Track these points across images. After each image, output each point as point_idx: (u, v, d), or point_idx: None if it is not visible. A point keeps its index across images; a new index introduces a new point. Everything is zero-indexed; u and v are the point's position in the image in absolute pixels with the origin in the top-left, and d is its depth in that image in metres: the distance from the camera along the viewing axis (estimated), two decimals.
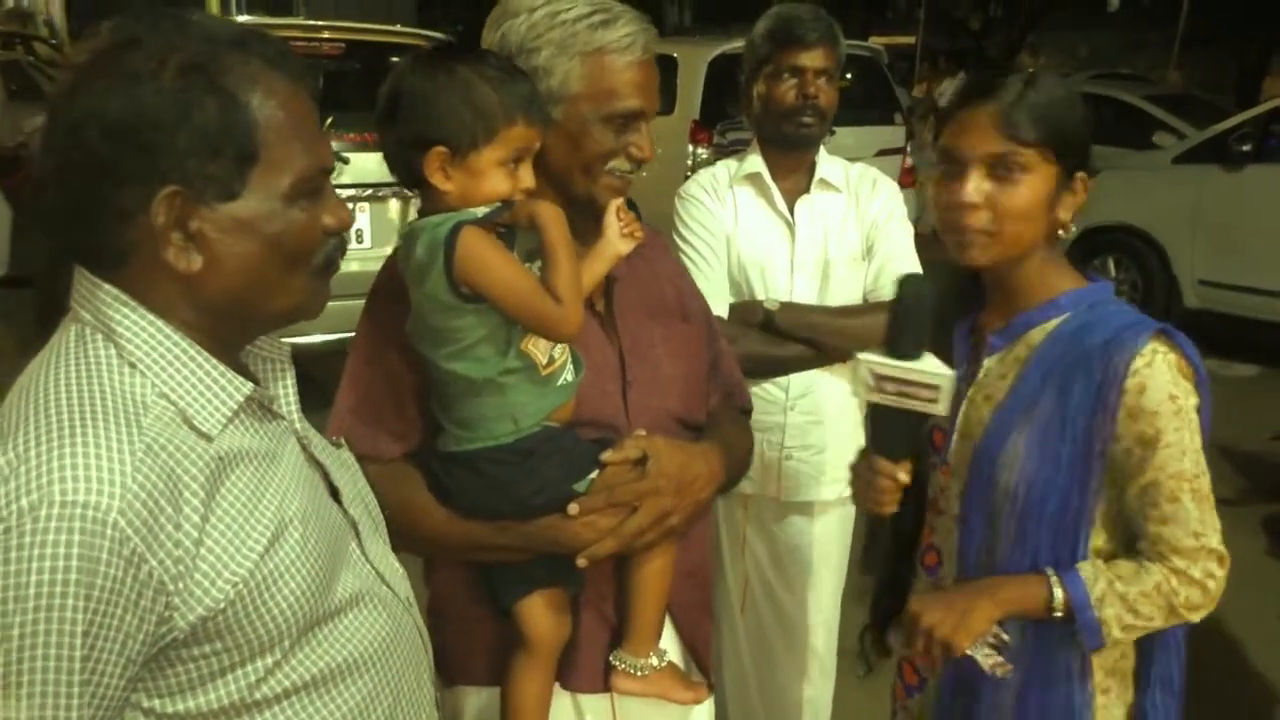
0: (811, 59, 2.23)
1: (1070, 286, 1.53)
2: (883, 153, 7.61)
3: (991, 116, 1.43)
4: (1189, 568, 1.44)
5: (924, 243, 2.30)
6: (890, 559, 1.71)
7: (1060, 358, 1.47)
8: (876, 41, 17.13)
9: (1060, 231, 1.51)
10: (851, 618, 2.12)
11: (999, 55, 20.56)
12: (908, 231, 2.36)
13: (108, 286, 1.02)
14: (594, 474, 1.47)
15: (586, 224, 1.56)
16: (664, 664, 1.58)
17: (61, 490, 0.89)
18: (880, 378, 1.42)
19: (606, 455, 1.47)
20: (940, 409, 1.41)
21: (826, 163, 2.37)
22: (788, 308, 2.25)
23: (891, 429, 1.49)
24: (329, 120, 5.42)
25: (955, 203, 1.44)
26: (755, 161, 2.36)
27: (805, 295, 2.31)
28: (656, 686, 1.57)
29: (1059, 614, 1.43)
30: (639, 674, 1.56)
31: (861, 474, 1.54)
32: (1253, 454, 5.18)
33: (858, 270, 2.33)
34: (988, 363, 1.55)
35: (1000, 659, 1.44)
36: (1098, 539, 1.49)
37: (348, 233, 1.16)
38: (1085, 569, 1.44)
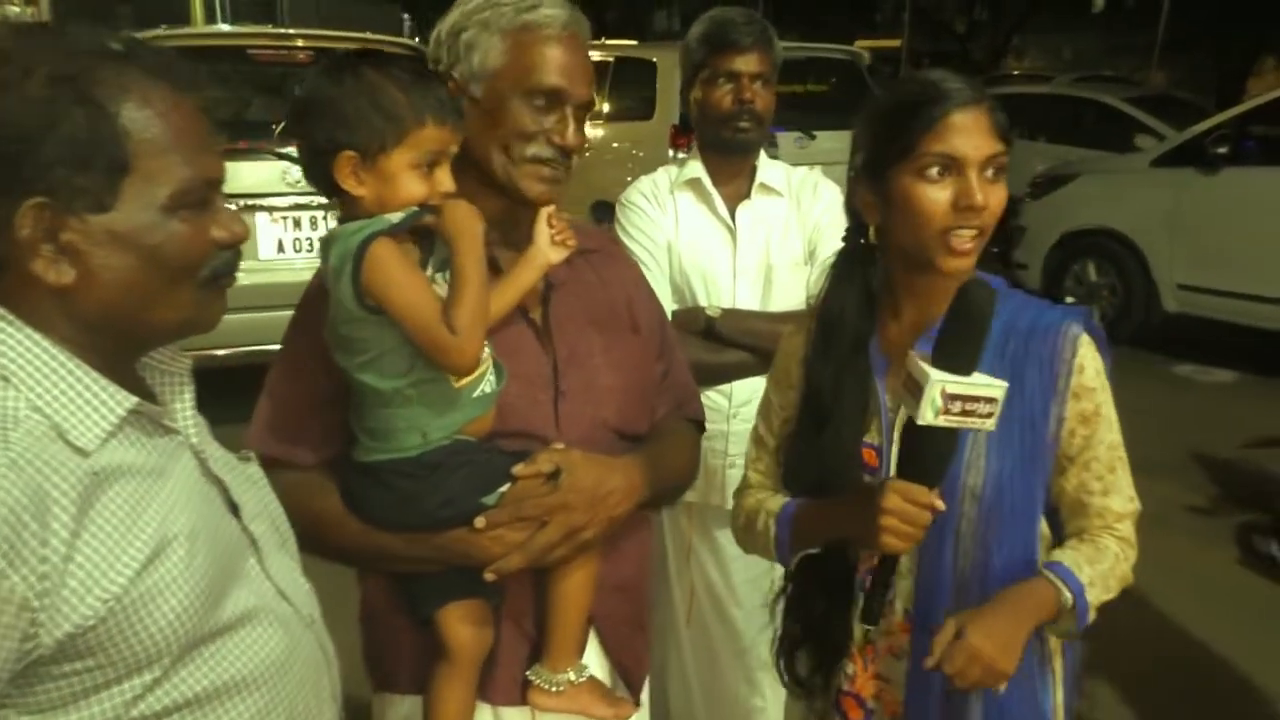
0: (746, 63, 2.21)
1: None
2: None
3: (985, 117, 1.41)
4: (1126, 530, 1.50)
5: None
6: (824, 585, 1.60)
7: (1000, 350, 1.45)
8: (861, 45, 17.15)
9: None
10: None
11: (984, 58, 20.62)
12: None
13: None
14: (505, 487, 1.44)
15: (522, 224, 1.54)
16: (583, 679, 1.55)
17: None
18: (951, 397, 1.30)
19: (517, 469, 1.45)
20: (992, 424, 1.33)
21: (767, 167, 2.35)
22: (729, 314, 2.23)
23: (934, 453, 1.36)
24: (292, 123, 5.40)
25: (966, 205, 1.39)
26: (695, 167, 2.34)
27: (748, 301, 2.29)
28: (575, 702, 1.54)
29: (1065, 610, 1.42)
30: (555, 690, 1.53)
31: (897, 511, 1.36)
32: (1228, 461, 5.16)
33: (800, 275, 2.31)
34: None
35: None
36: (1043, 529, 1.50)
37: (242, 246, 1.13)
38: (1065, 558, 1.44)
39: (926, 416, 1.31)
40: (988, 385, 1.32)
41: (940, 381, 1.31)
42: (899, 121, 1.44)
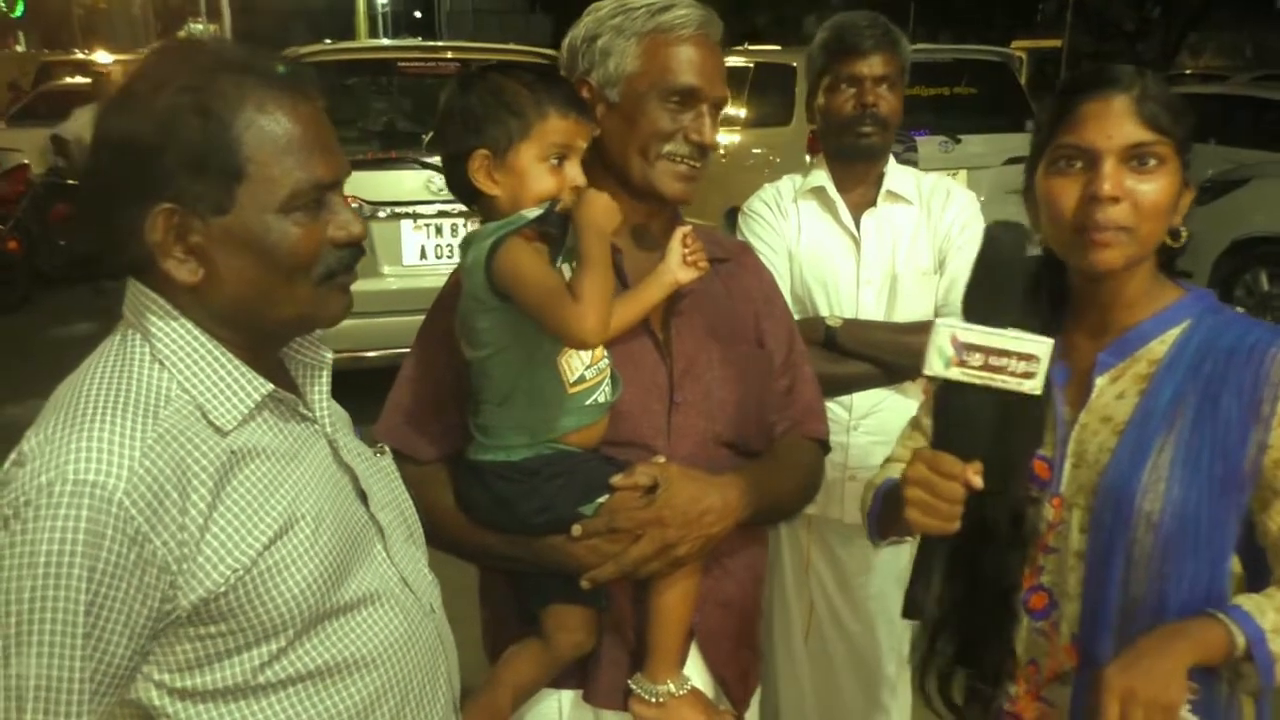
0: (869, 67, 2.16)
1: (1177, 295, 1.43)
2: (1012, 160, 7.29)
3: (1126, 104, 1.32)
4: None
5: None
6: (985, 604, 1.50)
7: (1195, 369, 1.36)
8: (1020, 45, 16.52)
9: (1169, 239, 1.39)
10: None
11: (1155, 57, 19.54)
12: None
13: (146, 290, 1.11)
14: (604, 498, 1.46)
15: (653, 227, 1.57)
16: (684, 691, 1.54)
17: (74, 470, 0.97)
18: (965, 346, 1.17)
19: (615, 480, 1.46)
20: (1034, 386, 1.19)
21: (896, 174, 2.29)
22: (850, 324, 2.18)
23: (965, 417, 1.23)
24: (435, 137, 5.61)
25: (1092, 195, 1.31)
26: (820, 175, 2.30)
27: (871, 310, 2.24)
28: (674, 714, 1.53)
29: (1238, 654, 1.30)
30: (654, 700, 1.53)
31: (919, 480, 1.26)
32: None
33: (927, 285, 2.24)
34: (1100, 382, 1.41)
35: (1193, 717, 1.30)
36: (1234, 565, 1.37)
37: (362, 244, 1.18)
38: (1246, 602, 1.32)
39: (935, 367, 1.19)
40: (1019, 338, 1.18)
41: (947, 326, 1.18)
42: (1045, 117, 1.39)
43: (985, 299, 1.23)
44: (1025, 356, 1.19)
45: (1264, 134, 9.22)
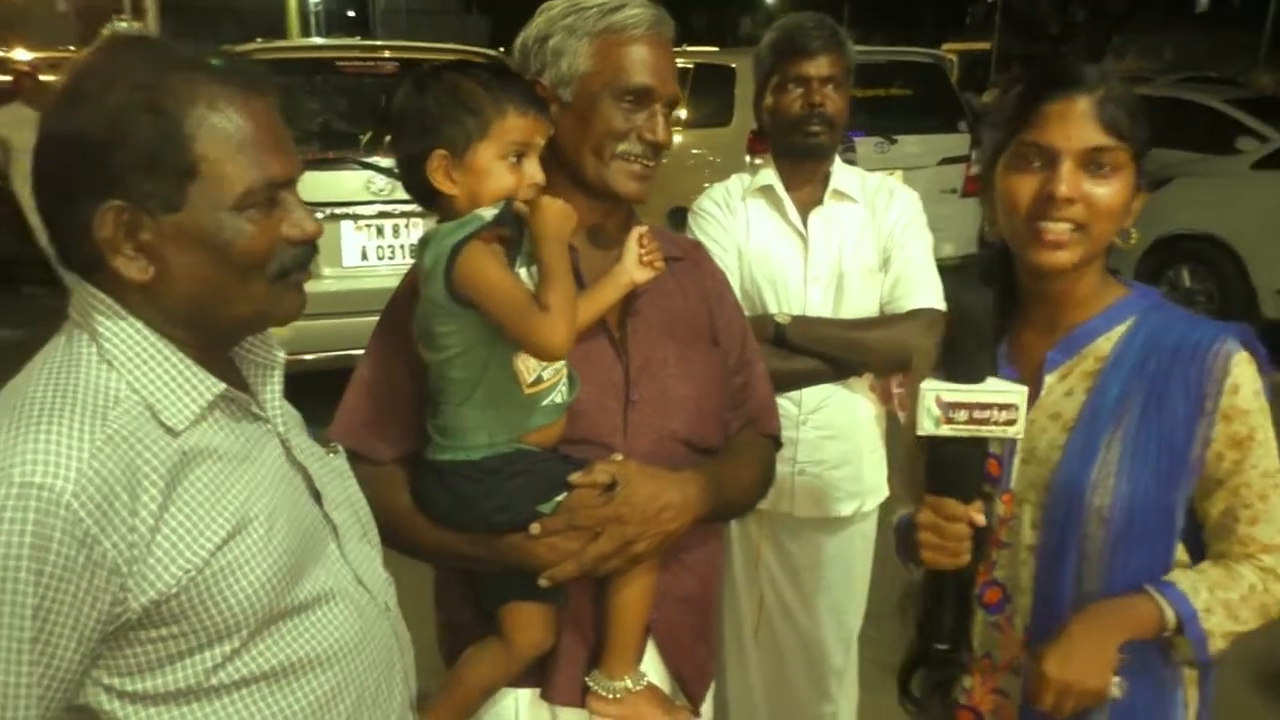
0: (816, 67, 2.20)
1: (1121, 293, 1.47)
2: (946, 161, 7.47)
3: (1089, 106, 1.34)
4: (1276, 564, 1.40)
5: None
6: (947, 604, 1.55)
7: (1140, 367, 1.40)
8: (950, 48, 16.84)
9: (1118, 239, 1.43)
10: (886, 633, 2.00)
11: (1080, 60, 20.01)
12: (926, 242, 2.30)
13: (92, 289, 1.08)
14: (563, 496, 1.46)
15: (609, 227, 1.58)
16: (641, 687, 1.55)
17: (21, 472, 0.95)
18: (950, 406, 1.28)
19: (574, 478, 1.47)
20: (1018, 431, 1.29)
21: (842, 173, 2.33)
22: (799, 321, 2.21)
23: (960, 465, 1.33)
24: (389, 138, 5.54)
25: (1048, 194, 1.35)
26: (768, 174, 2.33)
27: (819, 308, 2.27)
28: (632, 709, 1.54)
29: (1168, 632, 1.37)
30: (613, 696, 1.54)
31: (929, 526, 1.36)
32: None
33: (873, 282, 2.28)
34: (1049, 380, 1.46)
35: (1118, 679, 1.36)
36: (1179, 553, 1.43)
37: (315, 242, 1.17)
38: (1182, 581, 1.38)
39: (925, 427, 1.29)
40: (998, 391, 1.28)
41: (931, 390, 1.28)
42: (1004, 113, 1.42)
43: (958, 358, 1.31)
44: (1005, 406, 1.29)
45: (1185, 135, 9.52)
